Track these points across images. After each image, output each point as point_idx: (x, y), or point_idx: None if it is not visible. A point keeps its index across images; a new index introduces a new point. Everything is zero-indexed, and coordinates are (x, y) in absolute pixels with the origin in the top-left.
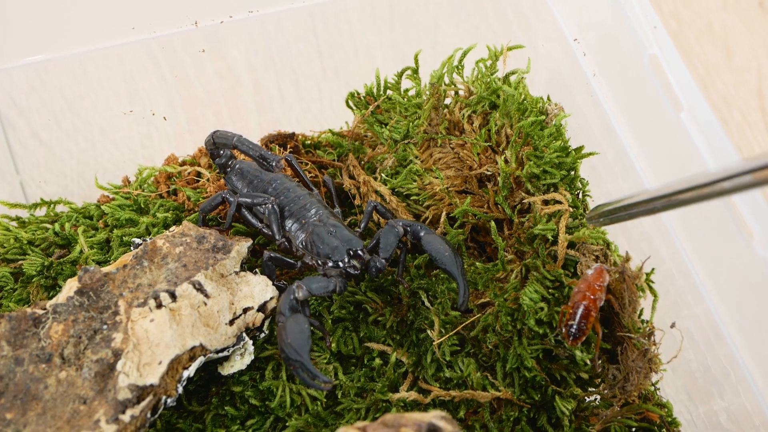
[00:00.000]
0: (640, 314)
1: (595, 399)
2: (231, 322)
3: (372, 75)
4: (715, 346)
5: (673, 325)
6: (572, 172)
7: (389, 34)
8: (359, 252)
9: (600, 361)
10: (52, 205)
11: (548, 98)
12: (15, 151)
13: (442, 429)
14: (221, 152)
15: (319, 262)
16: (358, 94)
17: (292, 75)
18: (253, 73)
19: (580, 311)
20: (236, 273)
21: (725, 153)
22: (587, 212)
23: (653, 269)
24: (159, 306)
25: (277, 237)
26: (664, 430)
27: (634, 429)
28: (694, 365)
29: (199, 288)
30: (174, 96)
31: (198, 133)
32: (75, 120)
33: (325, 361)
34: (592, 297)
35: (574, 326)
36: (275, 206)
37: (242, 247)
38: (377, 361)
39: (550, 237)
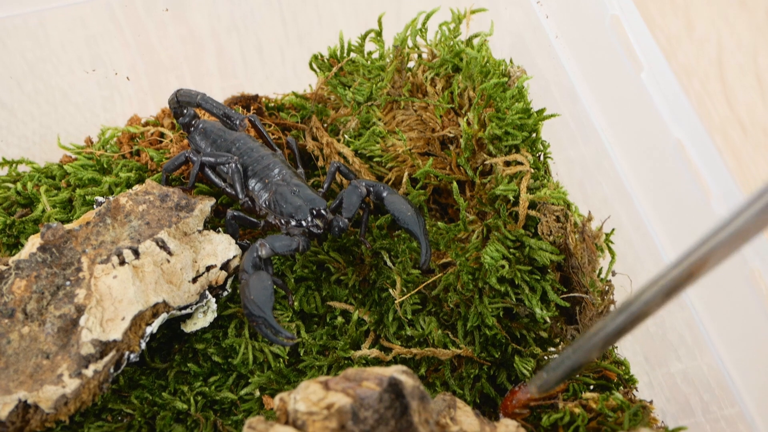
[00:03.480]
0: (599, 273)
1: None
2: (194, 280)
3: (335, 42)
4: (673, 308)
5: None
6: (534, 134)
7: (352, 0)
8: (322, 211)
9: (558, 323)
10: (14, 165)
11: (511, 61)
12: None
13: (403, 383)
14: (185, 111)
15: (282, 221)
16: (322, 56)
17: (255, 40)
18: (217, 38)
19: None
20: (199, 231)
21: (685, 114)
22: (531, 382)
23: (613, 230)
24: (122, 263)
25: (240, 196)
26: (621, 387)
27: (592, 387)
28: (653, 328)
29: (162, 245)
30: (137, 60)
31: (161, 97)
32: (37, 83)
33: (287, 319)
34: None
35: None
36: (238, 166)
37: (205, 206)
38: (339, 319)
39: (511, 197)
